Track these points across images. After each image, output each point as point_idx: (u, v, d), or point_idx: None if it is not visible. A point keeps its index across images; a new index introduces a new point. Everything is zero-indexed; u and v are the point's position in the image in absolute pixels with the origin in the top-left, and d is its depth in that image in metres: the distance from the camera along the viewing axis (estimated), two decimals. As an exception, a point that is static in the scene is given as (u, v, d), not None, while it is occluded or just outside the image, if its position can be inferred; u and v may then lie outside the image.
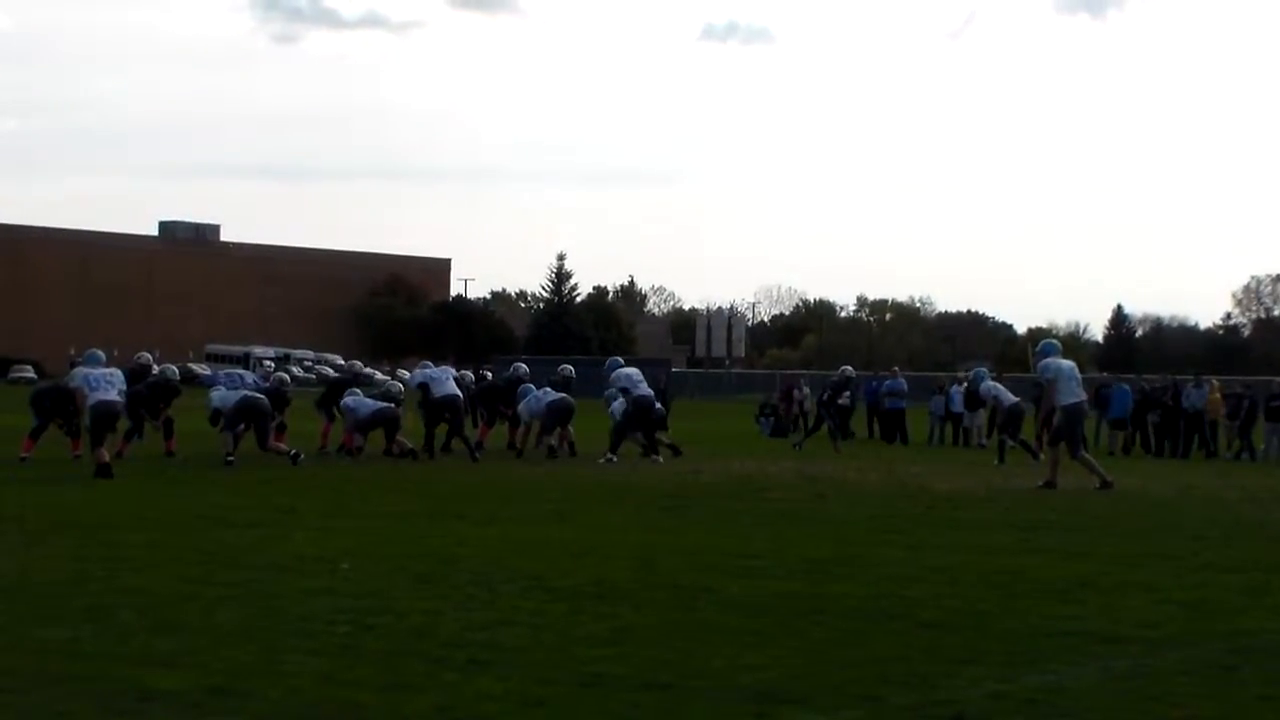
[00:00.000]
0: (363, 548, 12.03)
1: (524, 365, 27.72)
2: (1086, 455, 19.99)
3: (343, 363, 24.90)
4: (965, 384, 35.59)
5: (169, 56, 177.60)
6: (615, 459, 23.17)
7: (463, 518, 14.73)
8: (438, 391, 23.63)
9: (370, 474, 20.32)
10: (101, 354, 20.49)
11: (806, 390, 45.20)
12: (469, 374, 28.21)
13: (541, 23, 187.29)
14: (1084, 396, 19.98)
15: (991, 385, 27.64)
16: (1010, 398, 26.64)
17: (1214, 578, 11.13)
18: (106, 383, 19.31)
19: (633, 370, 25.09)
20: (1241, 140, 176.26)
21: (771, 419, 39.82)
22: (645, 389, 24.58)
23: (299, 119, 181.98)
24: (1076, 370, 20.10)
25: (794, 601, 9.59)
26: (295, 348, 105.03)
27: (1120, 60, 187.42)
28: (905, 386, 36.54)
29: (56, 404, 21.81)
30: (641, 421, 24.49)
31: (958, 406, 34.82)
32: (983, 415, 34.01)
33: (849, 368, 34.39)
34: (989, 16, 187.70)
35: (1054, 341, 20.85)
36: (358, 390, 25.01)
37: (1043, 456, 22.69)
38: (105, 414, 19.15)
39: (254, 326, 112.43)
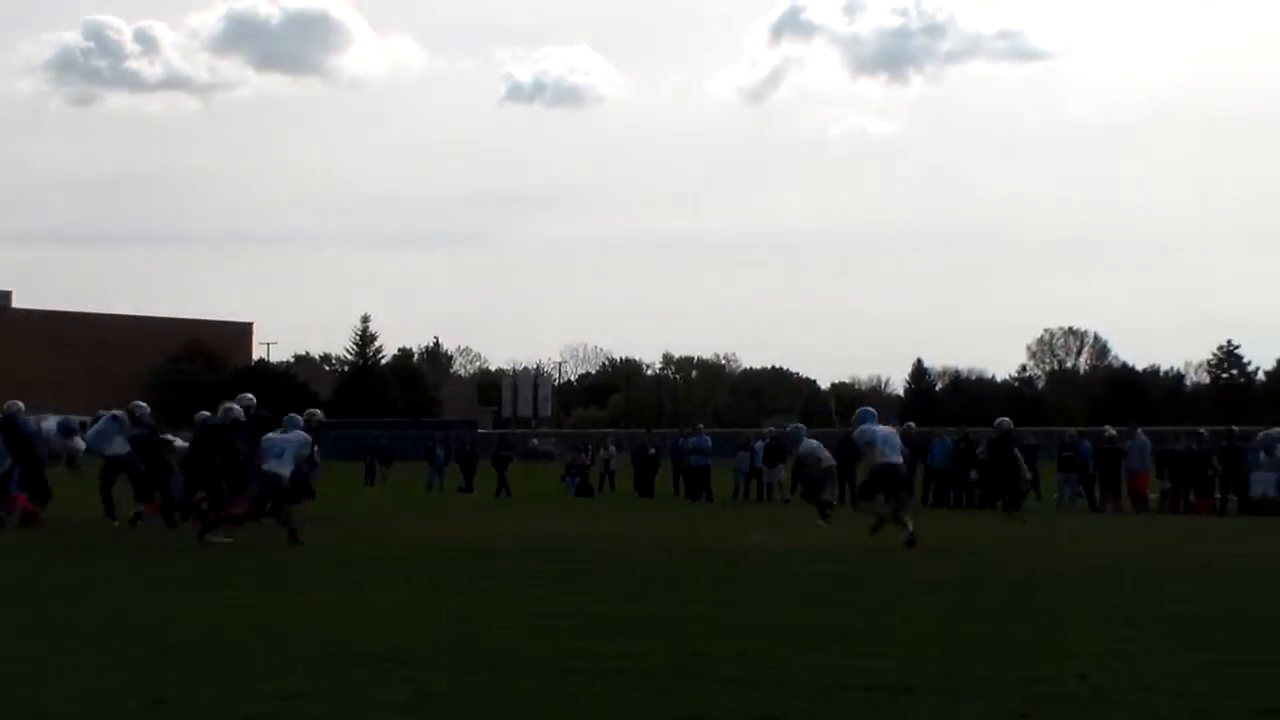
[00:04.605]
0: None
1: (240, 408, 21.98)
2: (871, 506, 20.26)
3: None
4: (769, 440, 36.00)
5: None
6: None
7: (233, 586, 14.42)
8: (107, 451, 23.02)
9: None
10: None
11: (613, 449, 45.60)
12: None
13: (335, 82, 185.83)
14: (897, 460, 20.29)
15: (814, 445, 26.54)
16: (829, 460, 26.27)
17: (1000, 625, 11.37)
18: None
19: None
20: (1035, 196, 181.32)
21: (577, 479, 40.02)
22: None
23: (94, 183, 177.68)
24: (894, 436, 20.72)
25: (596, 661, 9.52)
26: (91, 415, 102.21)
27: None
28: (709, 443, 36.86)
29: None
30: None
31: (761, 462, 35.19)
32: (784, 471, 34.40)
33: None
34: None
35: (870, 409, 21.24)
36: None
37: (823, 521, 23.78)
38: None
39: (46, 393, 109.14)
